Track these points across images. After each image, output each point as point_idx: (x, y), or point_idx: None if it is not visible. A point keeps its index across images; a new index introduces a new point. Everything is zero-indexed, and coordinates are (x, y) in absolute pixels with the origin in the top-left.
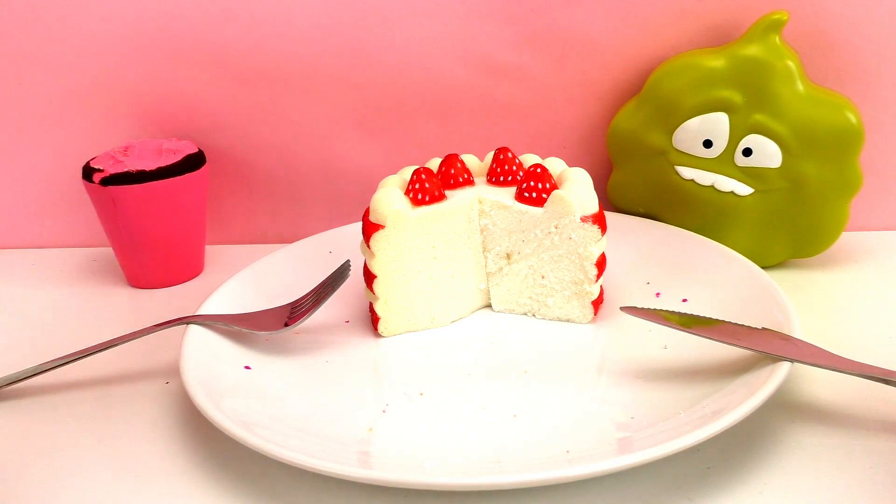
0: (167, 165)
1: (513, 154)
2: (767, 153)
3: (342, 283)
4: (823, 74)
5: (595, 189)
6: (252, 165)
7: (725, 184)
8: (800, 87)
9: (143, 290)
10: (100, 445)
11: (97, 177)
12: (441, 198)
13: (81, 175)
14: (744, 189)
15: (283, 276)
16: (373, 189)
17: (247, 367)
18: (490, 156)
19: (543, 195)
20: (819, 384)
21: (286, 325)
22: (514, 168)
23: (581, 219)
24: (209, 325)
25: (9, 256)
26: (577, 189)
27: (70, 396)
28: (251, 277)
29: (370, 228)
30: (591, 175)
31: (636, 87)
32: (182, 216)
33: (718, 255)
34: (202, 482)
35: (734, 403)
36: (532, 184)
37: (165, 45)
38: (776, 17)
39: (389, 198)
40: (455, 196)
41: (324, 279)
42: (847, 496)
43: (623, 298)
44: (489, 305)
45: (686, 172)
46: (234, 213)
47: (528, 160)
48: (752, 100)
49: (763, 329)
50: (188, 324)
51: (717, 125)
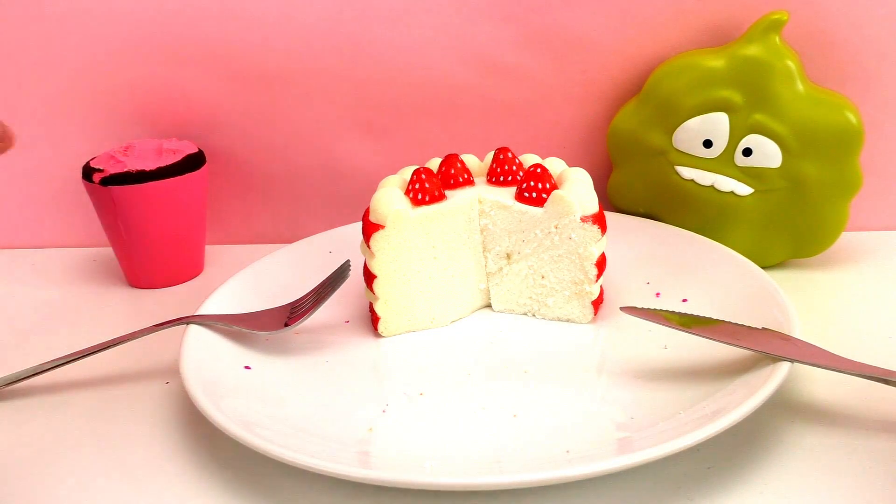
0: (167, 165)
1: (513, 154)
2: (767, 153)
3: (342, 283)
4: (823, 74)
5: (595, 189)
6: (252, 165)
7: (725, 184)
8: (800, 87)
9: (143, 290)
10: (100, 445)
11: (97, 177)
12: (441, 198)
13: (81, 175)
14: (744, 189)
15: (283, 276)
16: (373, 189)
17: (247, 367)
18: (490, 156)
19: (543, 195)
20: (819, 384)
21: (286, 325)
22: (514, 168)
23: (581, 219)
24: (209, 325)
25: (9, 256)
26: (577, 189)
27: (70, 396)
28: (251, 277)
29: (370, 228)
30: (591, 175)
31: (636, 87)
32: (182, 216)
33: (718, 255)
34: (202, 482)
35: (734, 403)
36: (532, 184)
37: (166, 45)
38: (776, 17)
39: (389, 198)
40: (455, 196)
41: (324, 279)
42: (847, 496)
43: (623, 298)
44: (489, 305)
45: (686, 172)
46: (234, 213)
47: (528, 160)
48: (752, 100)
49: (763, 329)
50: (188, 324)
51: (717, 125)
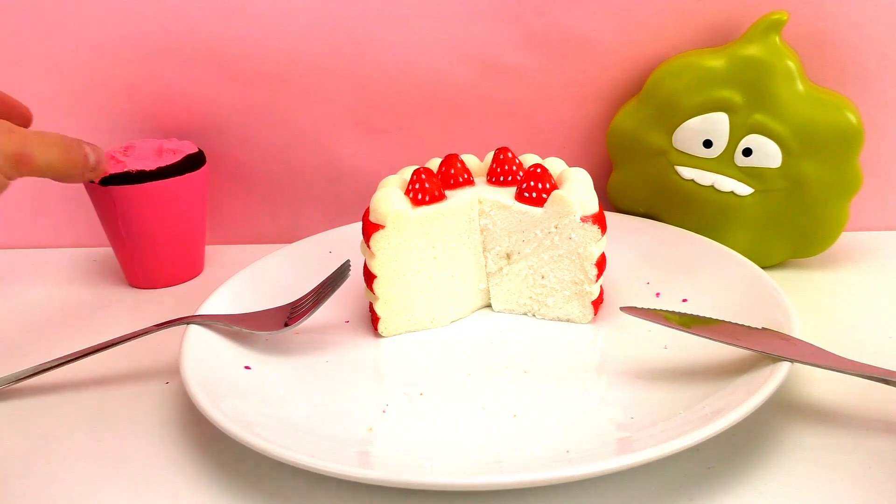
0: (167, 165)
1: (513, 154)
2: (767, 153)
3: (342, 283)
4: (823, 74)
5: (595, 189)
6: (252, 165)
7: (725, 184)
8: (800, 87)
9: (143, 290)
10: (100, 445)
11: None
12: (441, 198)
13: None
14: (744, 189)
15: (283, 276)
16: (373, 189)
17: (247, 367)
18: (490, 156)
19: (543, 195)
20: (819, 384)
21: (286, 325)
22: (514, 168)
23: (581, 219)
24: (209, 325)
25: (9, 256)
26: (577, 189)
27: (70, 396)
28: (251, 277)
29: (370, 228)
30: (591, 175)
31: (636, 87)
32: (182, 216)
33: (718, 255)
34: (202, 482)
35: (734, 403)
36: (532, 184)
37: (166, 45)
38: (776, 17)
39: (389, 198)
40: (455, 196)
41: (324, 279)
42: (847, 496)
43: (623, 298)
44: (489, 305)
45: (686, 172)
46: (234, 213)
47: (528, 160)
48: (752, 100)
49: (763, 329)
50: (188, 324)
51: (717, 125)
